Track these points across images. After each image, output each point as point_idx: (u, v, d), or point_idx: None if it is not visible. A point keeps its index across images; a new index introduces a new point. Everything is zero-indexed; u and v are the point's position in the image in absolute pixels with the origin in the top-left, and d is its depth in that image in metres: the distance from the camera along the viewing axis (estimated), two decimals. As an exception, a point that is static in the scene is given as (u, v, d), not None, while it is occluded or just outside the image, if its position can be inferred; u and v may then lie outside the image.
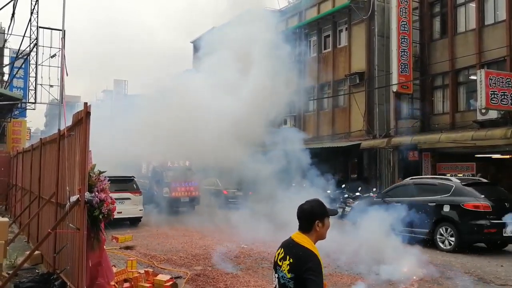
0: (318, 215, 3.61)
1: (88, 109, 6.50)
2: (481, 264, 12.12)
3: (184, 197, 23.46)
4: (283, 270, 3.49)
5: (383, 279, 9.81)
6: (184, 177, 24.03)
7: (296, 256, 3.47)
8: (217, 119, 22.38)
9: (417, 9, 23.81)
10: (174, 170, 24.25)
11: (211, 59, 26.96)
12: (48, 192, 9.62)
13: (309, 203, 3.67)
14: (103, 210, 6.56)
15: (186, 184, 23.65)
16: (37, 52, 26.94)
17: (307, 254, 3.46)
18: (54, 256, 8.30)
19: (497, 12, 20.54)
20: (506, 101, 17.65)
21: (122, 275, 8.36)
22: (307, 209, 3.63)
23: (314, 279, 3.34)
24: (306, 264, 3.39)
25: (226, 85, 24.74)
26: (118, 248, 13.18)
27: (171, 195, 23.03)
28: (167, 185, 23.35)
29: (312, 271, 3.36)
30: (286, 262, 3.48)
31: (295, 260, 3.45)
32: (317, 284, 3.33)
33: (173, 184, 23.28)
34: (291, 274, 3.43)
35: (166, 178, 23.78)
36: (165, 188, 23.28)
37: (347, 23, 27.97)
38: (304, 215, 3.62)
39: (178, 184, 23.39)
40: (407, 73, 22.64)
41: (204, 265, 11.50)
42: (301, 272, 3.38)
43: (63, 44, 13.70)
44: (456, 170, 22.08)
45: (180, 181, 23.52)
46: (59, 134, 8.63)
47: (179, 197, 23.29)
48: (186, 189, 23.64)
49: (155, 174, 24.85)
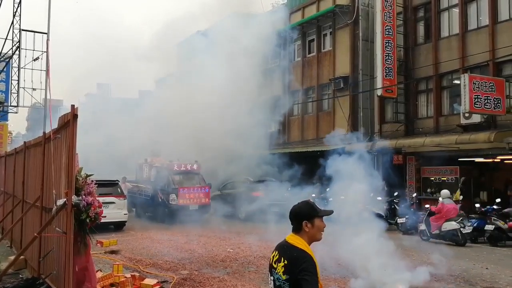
0: (305, 216, 3.62)
1: (76, 111, 6.42)
2: (467, 267, 12.20)
3: (193, 205, 21.01)
4: (278, 272, 3.50)
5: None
6: (193, 181, 21.94)
7: (290, 257, 3.47)
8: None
9: (401, 13, 23.95)
10: (182, 174, 21.97)
11: (193, 63, 27.12)
12: (32, 196, 9.48)
13: (297, 205, 3.72)
14: (90, 214, 6.49)
15: (196, 190, 21.38)
16: (20, 55, 26.62)
17: (301, 255, 3.47)
18: (39, 261, 8.17)
19: (480, 17, 20.75)
20: (489, 105, 17.82)
21: (109, 280, 8.28)
22: (294, 210, 3.68)
23: (308, 279, 3.34)
24: (301, 265, 3.39)
25: (203, 89, 24.98)
26: (103, 253, 13.05)
27: (179, 202, 20.65)
28: (174, 191, 20.96)
29: (306, 271, 3.37)
30: (281, 264, 3.49)
31: (290, 262, 3.45)
32: (312, 284, 3.33)
33: (181, 190, 20.94)
34: (286, 276, 3.44)
35: (173, 183, 21.33)
36: (172, 195, 20.87)
37: (331, 27, 28.05)
38: (293, 216, 3.67)
39: (186, 191, 21.07)
40: (392, 77, 22.75)
41: (190, 269, 11.42)
42: (296, 273, 3.38)
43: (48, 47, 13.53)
44: (440, 173, 22.25)
45: (189, 187, 21.33)
46: (44, 137, 8.52)
47: (187, 204, 20.81)
48: (196, 195, 21.31)
49: (160, 178, 21.94)
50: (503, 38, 19.32)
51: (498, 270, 11.89)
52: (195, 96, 25.18)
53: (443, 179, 22.18)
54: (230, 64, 25.99)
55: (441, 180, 22.28)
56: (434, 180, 22.69)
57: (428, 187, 22.63)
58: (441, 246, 14.67)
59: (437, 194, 21.51)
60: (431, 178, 22.82)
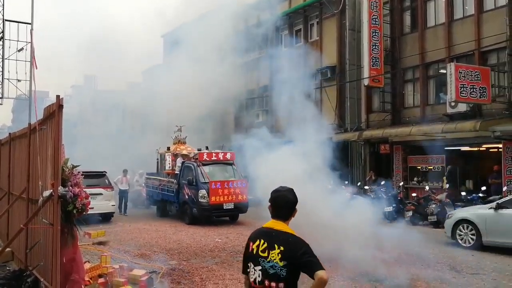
0: (296, 203, 3.67)
1: (61, 102, 6.36)
2: (453, 254, 12.33)
3: (227, 203, 17.61)
4: (272, 259, 3.48)
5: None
6: (227, 174, 18.62)
7: (286, 243, 3.48)
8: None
9: (388, 3, 23.96)
10: (213, 165, 18.55)
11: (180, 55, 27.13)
12: (18, 188, 9.41)
13: (289, 192, 3.68)
14: (77, 205, 6.44)
15: (230, 184, 17.73)
16: (3, 45, 26.30)
17: (296, 240, 3.51)
18: (26, 253, 8.13)
19: (466, 7, 20.83)
20: (475, 94, 17.93)
21: (97, 271, 8.26)
22: (291, 198, 3.65)
23: (314, 260, 3.42)
24: (301, 249, 3.45)
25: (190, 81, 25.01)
26: (91, 244, 13.03)
27: (211, 201, 17.35)
28: (204, 187, 17.58)
29: (308, 254, 3.45)
30: (275, 251, 3.48)
31: (287, 248, 3.46)
32: (318, 263, 3.40)
33: (213, 185, 17.51)
34: (283, 262, 3.44)
35: (203, 176, 17.92)
36: (201, 191, 17.48)
37: (318, 17, 28.02)
38: (287, 204, 3.64)
39: (219, 185, 17.59)
40: (378, 67, 22.80)
41: (178, 259, 11.45)
42: (296, 258, 3.42)
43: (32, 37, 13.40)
44: (426, 162, 22.41)
45: (222, 181, 17.82)
46: (29, 128, 8.45)
47: (221, 203, 17.52)
48: (231, 191, 17.61)
49: (187, 171, 18.70)
50: (488, 28, 19.43)
51: (483, 256, 12.04)
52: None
53: (430, 168, 22.34)
54: (214, 55, 26.02)
55: (428, 169, 22.45)
56: (421, 169, 22.85)
57: (415, 176, 22.79)
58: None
59: (423, 183, 21.71)
60: (418, 167, 22.97)
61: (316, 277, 3.34)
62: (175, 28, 32.63)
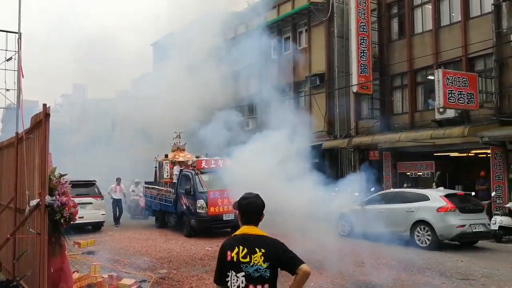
0: (264, 207, 3.83)
1: (48, 110, 6.34)
2: (442, 259, 12.38)
3: (227, 214, 16.48)
4: (256, 263, 3.57)
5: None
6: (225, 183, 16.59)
7: (265, 245, 3.62)
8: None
9: (376, 10, 24.10)
10: (212, 173, 17.13)
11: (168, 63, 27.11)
12: (6, 198, 9.34)
13: (257, 198, 3.83)
14: (64, 214, 6.41)
15: (230, 193, 15.72)
16: (-9, 55, 26.15)
17: (274, 241, 3.69)
18: (13, 263, 8.07)
19: (453, 13, 21.01)
20: (463, 100, 18.06)
21: (86, 280, 8.21)
22: (260, 203, 3.80)
23: (295, 256, 3.62)
24: (280, 248, 3.63)
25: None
26: (81, 253, 12.94)
27: (209, 211, 16.42)
28: (202, 197, 16.74)
29: (288, 251, 3.65)
30: (258, 254, 3.58)
31: (268, 250, 3.60)
32: (298, 258, 3.61)
33: (212, 194, 16.63)
34: (267, 263, 3.56)
35: (201, 185, 17.11)
36: (200, 201, 16.65)
37: (307, 25, 28.12)
38: (258, 209, 3.78)
39: (218, 195, 16.56)
40: (367, 74, 22.90)
41: (168, 268, 11.40)
42: (277, 257, 3.58)
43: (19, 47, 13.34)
44: (416, 168, 22.50)
45: (221, 190, 16.43)
46: (17, 137, 8.40)
47: (220, 213, 16.53)
48: (231, 201, 15.49)
49: (184, 179, 17.90)
50: (475, 34, 19.59)
51: (473, 262, 12.09)
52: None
53: (419, 174, 22.45)
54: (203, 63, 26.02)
55: (417, 175, 22.54)
56: (410, 175, 22.94)
57: (404, 182, 22.86)
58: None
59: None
60: (407, 173, 23.06)
61: (301, 271, 3.52)
62: (164, 36, 32.62)
